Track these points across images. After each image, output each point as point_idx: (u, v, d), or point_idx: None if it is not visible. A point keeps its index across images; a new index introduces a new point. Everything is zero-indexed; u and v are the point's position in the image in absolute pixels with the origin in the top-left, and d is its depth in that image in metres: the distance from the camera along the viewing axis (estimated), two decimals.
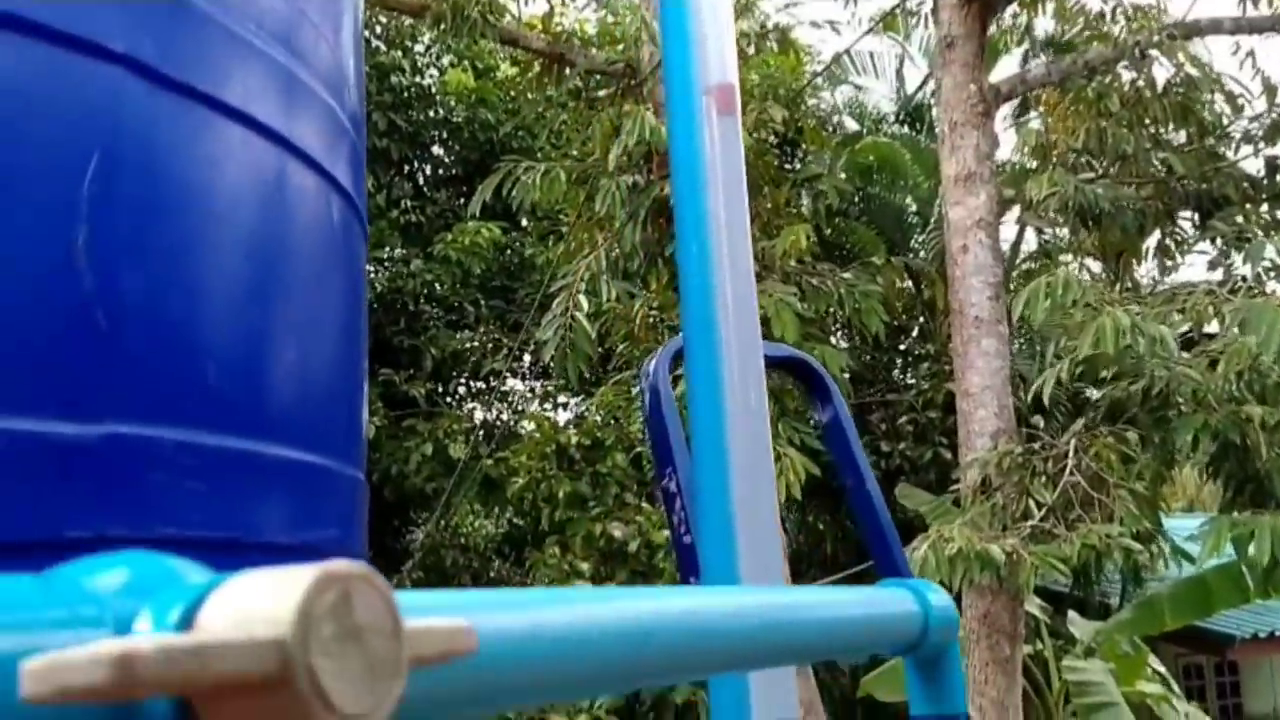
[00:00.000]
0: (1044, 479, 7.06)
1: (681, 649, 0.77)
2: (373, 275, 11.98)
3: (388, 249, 12.20)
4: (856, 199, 13.31)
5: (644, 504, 9.84)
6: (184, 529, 1.15)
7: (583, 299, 7.46)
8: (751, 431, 1.22)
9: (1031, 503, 7.01)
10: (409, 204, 12.85)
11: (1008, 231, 14.16)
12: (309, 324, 1.44)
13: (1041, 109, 9.57)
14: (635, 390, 9.46)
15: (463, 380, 13.33)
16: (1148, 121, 7.41)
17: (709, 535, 1.17)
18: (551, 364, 7.62)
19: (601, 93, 8.63)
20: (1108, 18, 8.35)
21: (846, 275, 8.35)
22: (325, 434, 1.45)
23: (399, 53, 13.52)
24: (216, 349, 1.24)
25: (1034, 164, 8.97)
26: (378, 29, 13.50)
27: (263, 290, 1.34)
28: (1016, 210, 9.62)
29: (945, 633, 1.07)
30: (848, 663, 10.18)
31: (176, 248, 1.20)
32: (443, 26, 8.14)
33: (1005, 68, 14.06)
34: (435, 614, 0.49)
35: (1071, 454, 7.03)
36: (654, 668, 0.67)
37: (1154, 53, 7.56)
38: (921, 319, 12.83)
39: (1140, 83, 7.42)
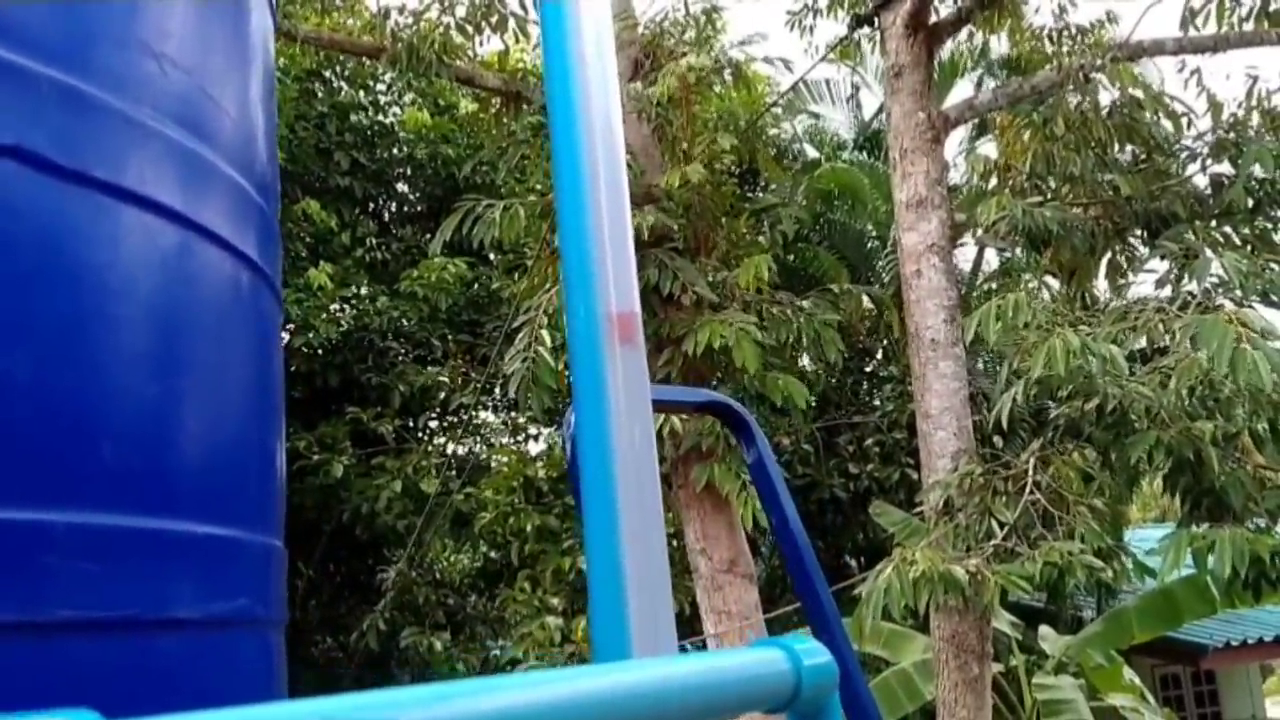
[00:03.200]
0: (1005, 498, 7.12)
1: None
2: (339, 313, 11.97)
3: (354, 287, 12.20)
4: (818, 225, 13.44)
5: None
6: (80, 611, 1.17)
7: (545, 333, 7.50)
8: (640, 478, 1.25)
9: (994, 522, 7.06)
10: (374, 241, 12.86)
11: (969, 252, 14.34)
12: (214, 395, 1.47)
13: (995, 133, 9.72)
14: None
15: (433, 415, 13.31)
16: (1094, 143, 7.53)
17: (599, 590, 1.20)
18: (517, 397, 7.64)
19: None
20: (1055, 41, 8.50)
21: (805, 304, 8.42)
22: (233, 504, 1.47)
23: (360, 92, 13.58)
24: (113, 426, 1.27)
25: (989, 186, 9.09)
26: (339, 69, 13.55)
27: (163, 365, 1.37)
28: (979, 232, 9.74)
29: (818, 690, 1.10)
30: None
31: (69, 326, 1.22)
32: (399, 68, 8.20)
33: (964, 90, 14.28)
34: None
35: (1031, 472, 7.10)
36: None
37: (1098, 75, 7.70)
38: (885, 341, 12.93)
39: (1085, 105, 7.55)
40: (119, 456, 1.27)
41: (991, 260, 14.61)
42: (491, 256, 12.54)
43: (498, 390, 12.49)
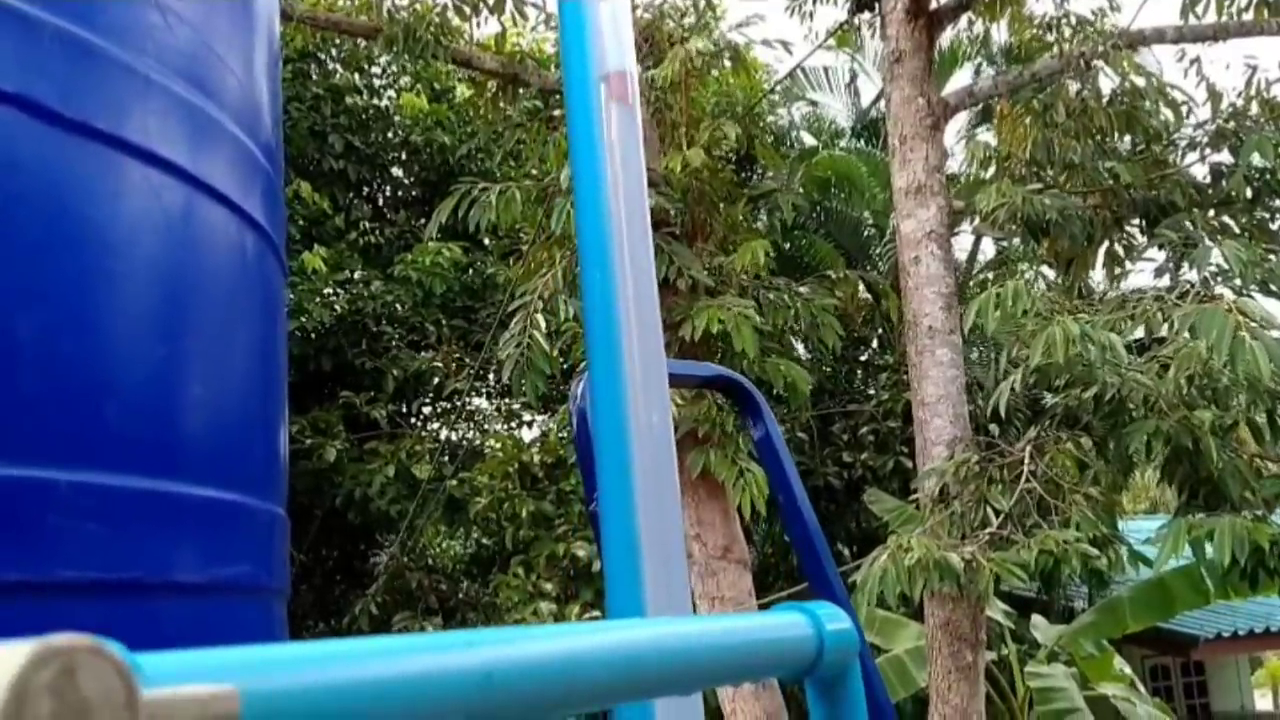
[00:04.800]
0: (1001, 486, 7.11)
1: (545, 688, 0.78)
2: (333, 297, 11.92)
3: (347, 271, 12.15)
4: (815, 213, 13.41)
5: None
6: (83, 572, 1.14)
7: (540, 318, 7.47)
8: (655, 456, 1.22)
9: (989, 510, 7.05)
10: (368, 225, 12.80)
11: (965, 240, 14.34)
12: (219, 359, 1.44)
13: (996, 120, 9.68)
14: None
15: (426, 401, 13.28)
16: (1093, 131, 7.51)
17: (614, 561, 1.17)
18: (511, 383, 7.61)
19: (557, 112, 8.65)
20: (1055, 29, 8.46)
21: (803, 290, 8.39)
22: (237, 469, 1.44)
23: (355, 74, 13.50)
24: (118, 388, 1.24)
25: (988, 174, 9.06)
26: (334, 51, 13.46)
27: (168, 327, 1.34)
28: (976, 219, 9.72)
29: (842, 655, 1.08)
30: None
31: (73, 286, 1.19)
32: (395, 49, 8.13)
33: (964, 78, 14.25)
34: (202, 677, 0.49)
35: (1027, 461, 7.09)
36: (505, 709, 0.68)
37: (1099, 63, 7.68)
38: (880, 330, 12.92)
39: (1086, 93, 7.52)
40: (123, 416, 1.24)
41: (988, 249, 14.62)
42: (486, 241, 12.50)
43: (492, 376, 12.46)
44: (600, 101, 1.39)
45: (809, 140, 15.32)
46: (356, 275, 12.21)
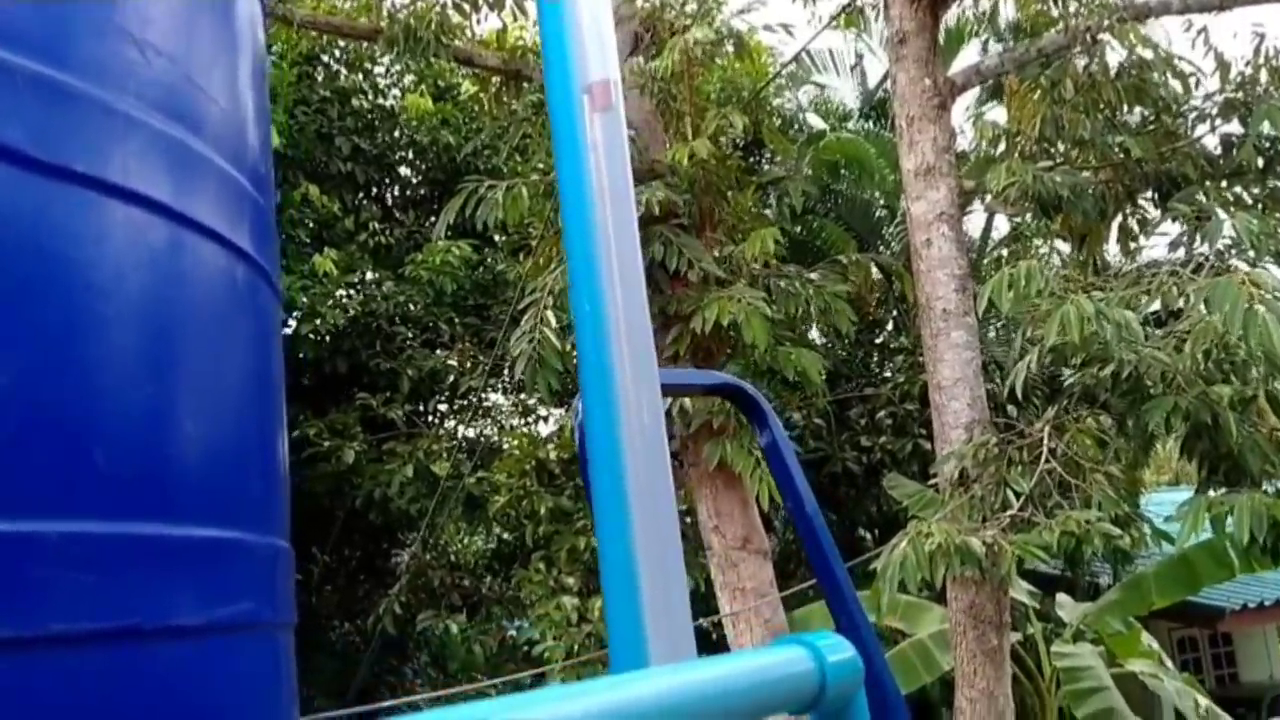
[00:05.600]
0: (1021, 468, 7.06)
1: None
2: (346, 300, 11.93)
3: (359, 273, 12.16)
4: (825, 197, 13.35)
5: None
6: (75, 624, 1.13)
7: (550, 314, 7.45)
8: (651, 471, 1.20)
9: (1009, 492, 7.01)
10: (378, 226, 12.79)
11: (978, 219, 14.26)
12: (211, 395, 1.42)
13: (1006, 97, 9.60)
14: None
15: (442, 399, 13.29)
16: (1102, 105, 7.43)
17: (613, 595, 1.15)
18: (524, 379, 7.60)
19: None
20: (1061, 3, 8.38)
21: (814, 276, 8.35)
22: (234, 506, 1.43)
23: (359, 76, 13.48)
24: (106, 432, 1.22)
25: (998, 152, 8.99)
26: (336, 53, 13.46)
27: (155, 367, 1.32)
28: (988, 198, 9.67)
29: (846, 686, 1.06)
30: None
31: (54, 331, 1.17)
32: (397, 50, 8.12)
33: (971, 55, 14.14)
34: None
35: (1046, 441, 7.04)
36: None
37: (1105, 36, 7.59)
38: (895, 312, 12.86)
39: (1093, 67, 7.44)
40: (112, 461, 1.23)
41: (1001, 226, 14.53)
42: (496, 238, 12.49)
43: (506, 373, 12.47)
44: (584, 113, 1.37)
45: (817, 123, 15.24)
46: (368, 277, 12.22)
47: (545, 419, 12.93)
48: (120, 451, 1.25)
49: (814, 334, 12.06)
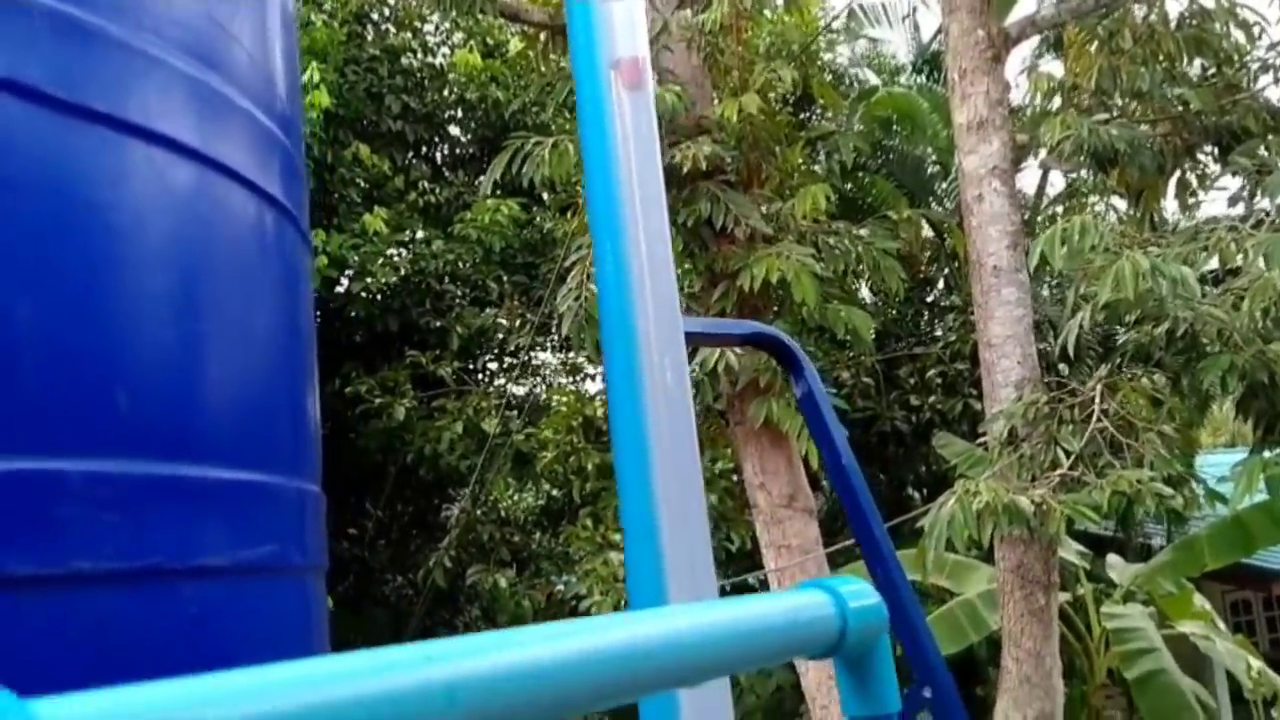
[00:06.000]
0: (1072, 427, 6.96)
1: (561, 690, 0.76)
2: (396, 258, 12.00)
3: (409, 231, 12.21)
4: (876, 153, 13.16)
5: None
6: (99, 562, 1.14)
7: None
8: (674, 423, 1.19)
9: (1060, 451, 6.91)
10: (427, 185, 12.83)
11: (1033, 174, 13.99)
12: (238, 338, 1.42)
13: (1066, 48, 9.35)
14: None
15: (491, 357, 13.36)
16: (1161, 56, 7.22)
17: (634, 536, 1.14)
18: (570, 336, 7.61)
19: None
20: None
21: (863, 232, 8.24)
22: (261, 450, 1.43)
23: (409, 34, 13.46)
24: (129, 373, 1.23)
25: (1054, 105, 8.78)
26: (386, 11, 13.44)
27: (181, 309, 1.32)
28: (1042, 153, 9.46)
29: (868, 631, 1.04)
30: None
31: (75, 271, 1.18)
32: (443, 6, 8.08)
33: (1030, 6, 13.82)
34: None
35: (1098, 400, 6.93)
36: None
37: None
38: (947, 270, 12.69)
39: (1153, 17, 7.23)
40: (136, 402, 1.23)
41: (1057, 182, 14.25)
42: (545, 197, 12.47)
43: (554, 330, 12.50)
44: (612, 88, 1.33)
45: (870, 78, 15.00)
46: (419, 235, 12.27)
47: (593, 377, 12.96)
48: (144, 392, 1.25)
49: (864, 293, 11.94)
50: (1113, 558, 10.29)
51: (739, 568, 9.73)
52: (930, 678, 1.92)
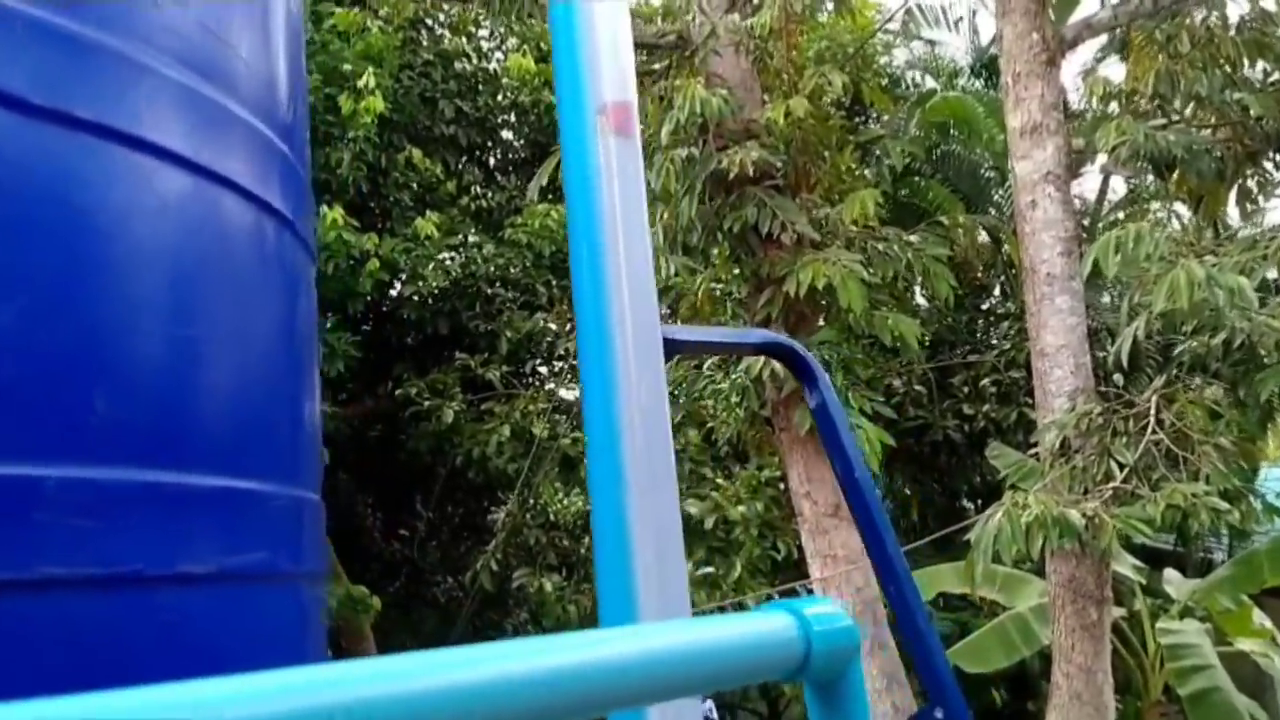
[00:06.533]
0: (1126, 438, 6.81)
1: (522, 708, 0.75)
2: (447, 262, 12.08)
3: (460, 235, 12.28)
4: (933, 156, 12.99)
5: (720, 480, 9.79)
6: (73, 567, 1.14)
7: None
8: (650, 444, 1.17)
9: (1113, 464, 6.77)
10: (479, 190, 12.90)
11: (1094, 180, 13.73)
12: (229, 348, 1.43)
13: (1129, 52, 9.16)
14: (704, 366, 9.41)
15: (540, 360, 13.40)
16: (1221, 61, 7.05)
17: (604, 553, 1.12)
18: None
19: (656, 66, 8.54)
20: None
21: (913, 238, 8.14)
22: (251, 457, 1.43)
23: (463, 39, 13.56)
24: (111, 381, 1.23)
25: (1110, 110, 8.61)
26: (441, 17, 13.55)
27: (168, 317, 1.33)
28: (1101, 159, 9.28)
29: (836, 654, 1.01)
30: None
31: (55, 276, 1.18)
32: (492, 9, 8.13)
33: (1092, 7, 13.55)
34: None
35: (1154, 411, 6.78)
36: None
37: None
38: (1003, 277, 12.50)
39: (1212, 21, 7.06)
40: (119, 410, 1.24)
41: (1118, 187, 13.98)
42: None
43: None
44: (597, 133, 1.31)
45: (928, 82, 14.82)
46: (470, 239, 12.34)
47: None
48: (129, 400, 1.26)
49: (920, 299, 11.80)
50: (1170, 572, 10.06)
51: (785, 577, 9.66)
52: (942, 698, 1.87)
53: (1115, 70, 12.55)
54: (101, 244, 1.23)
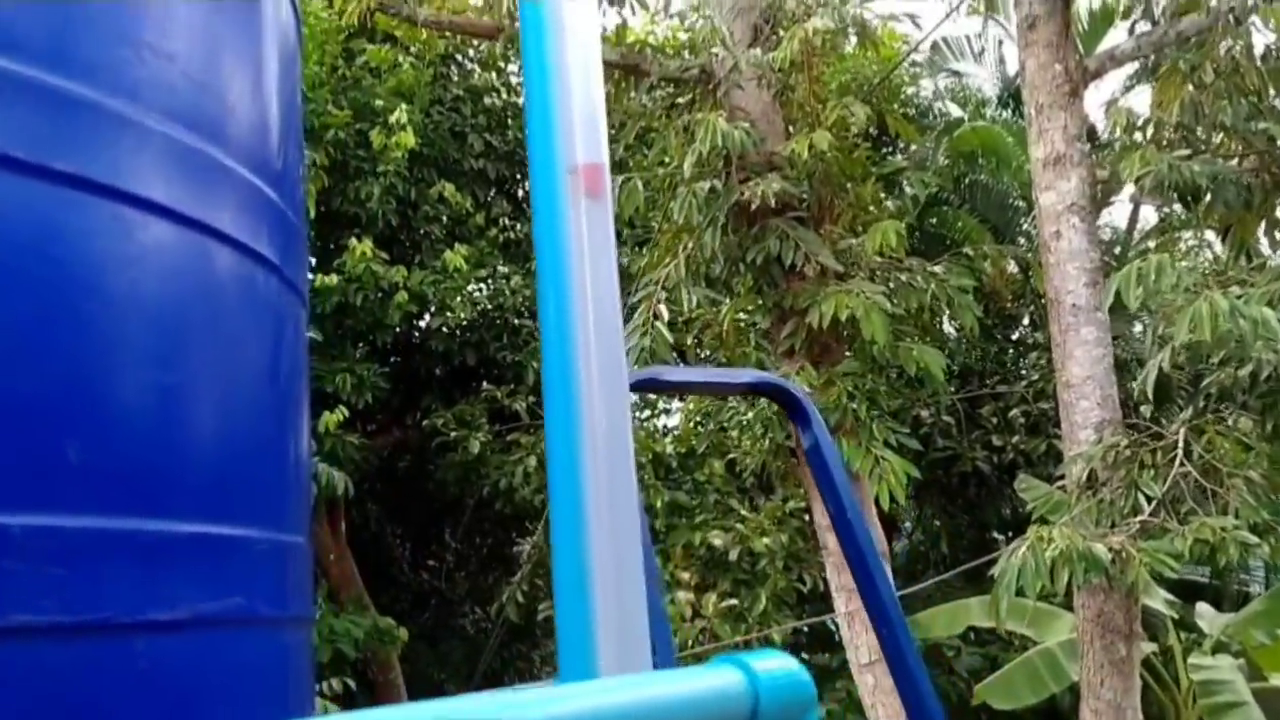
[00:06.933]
0: (1154, 471, 6.73)
1: None
2: (476, 294, 12.17)
3: (488, 267, 12.37)
4: (960, 186, 12.97)
5: (745, 512, 9.75)
6: (42, 615, 1.16)
7: (663, 307, 7.43)
8: (614, 487, 1.17)
9: (1141, 497, 6.68)
10: (507, 222, 13.00)
11: (1124, 209, 13.64)
12: (211, 396, 1.45)
13: (1154, 82, 9.10)
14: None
15: None
16: (1246, 90, 7.00)
17: (564, 599, 1.13)
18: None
19: (680, 99, 8.59)
20: None
21: (937, 269, 8.11)
22: (230, 503, 1.45)
23: (492, 74, 13.70)
24: (84, 429, 1.25)
25: (1134, 140, 8.56)
26: (471, 53, 13.71)
27: (148, 366, 1.35)
28: (1127, 189, 9.20)
29: (786, 708, 1.01)
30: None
31: (20, 325, 1.21)
32: (516, 46, 8.21)
33: (1119, 38, 13.50)
34: None
35: (1182, 443, 6.69)
36: None
37: (1254, 19, 7.15)
38: (1032, 307, 12.42)
39: (1236, 50, 7.02)
40: (92, 458, 1.26)
41: (1150, 217, 13.87)
42: (622, 233, 12.55)
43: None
44: (568, 195, 1.32)
45: (955, 112, 14.82)
46: (499, 271, 12.42)
47: (665, 412, 12.95)
48: (103, 448, 1.28)
49: (949, 329, 11.74)
50: (1203, 606, 9.90)
51: (812, 609, 9.59)
52: None
53: (1145, 98, 12.49)
54: (77, 294, 1.26)
